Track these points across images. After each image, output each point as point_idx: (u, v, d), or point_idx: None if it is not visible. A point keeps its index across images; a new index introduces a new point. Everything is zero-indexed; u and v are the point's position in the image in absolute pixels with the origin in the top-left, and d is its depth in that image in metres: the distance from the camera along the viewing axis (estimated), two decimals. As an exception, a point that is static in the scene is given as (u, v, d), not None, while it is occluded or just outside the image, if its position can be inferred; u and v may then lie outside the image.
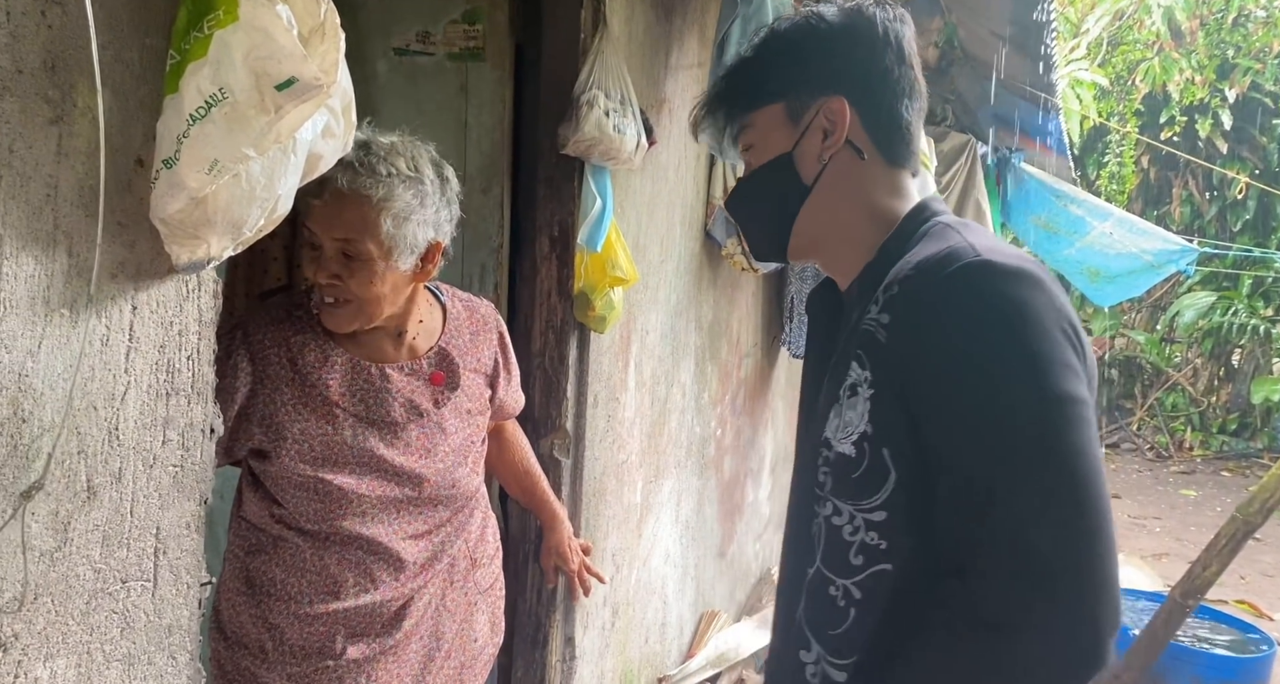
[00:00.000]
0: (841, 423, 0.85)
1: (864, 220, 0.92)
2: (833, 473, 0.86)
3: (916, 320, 0.79)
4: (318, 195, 1.15)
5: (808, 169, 0.92)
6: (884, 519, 0.82)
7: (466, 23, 1.79)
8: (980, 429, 0.75)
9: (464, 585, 1.40)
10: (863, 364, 0.83)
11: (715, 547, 3.08)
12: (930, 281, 0.79)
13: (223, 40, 0.75)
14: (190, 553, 0.96)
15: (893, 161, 0.93)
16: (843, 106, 0.90)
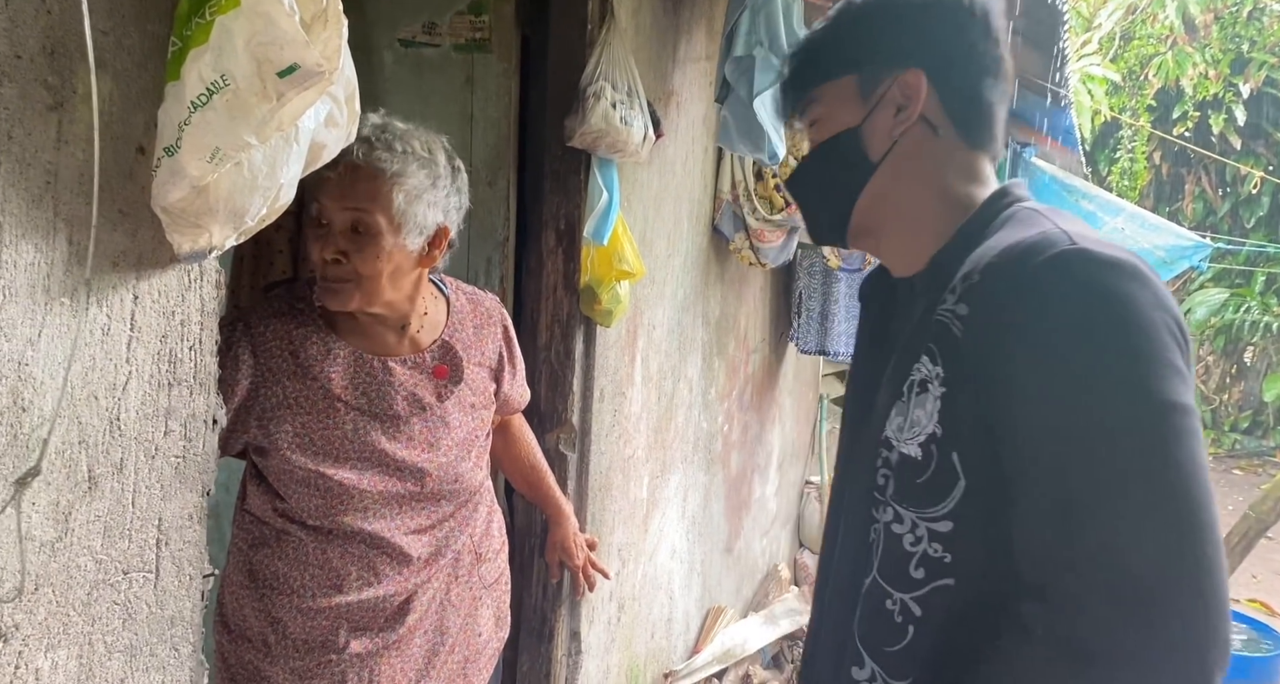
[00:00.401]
0: (907, 422, 0.78)
1: (935, 204, 0.85)
2: (895, 476, 0.79)
3: (1001, 313, 0.72)
4: (331, 168, 1.14)
5: (876, 146, 0.86)
6: (950, 530, 0.75)
7: (473, 14, 1.78)
8: (1074, 438, 0.67)
9: (469, 580, 1.39)
10: (934, 359, 0.76)
11: (722, 542, 3.07)
12: (1019, 271, 0.72)
13: (224, 26, 0.75)
14: (193, 544, 0.96)
15: (971, 143, 0.86)
16: (919, 80, 0.84)
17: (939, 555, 0.76)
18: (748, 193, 2.59)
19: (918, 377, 0.78)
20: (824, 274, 3.24)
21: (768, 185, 2.58)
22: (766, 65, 1.82)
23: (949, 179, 0.86)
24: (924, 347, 0.78)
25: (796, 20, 1.91)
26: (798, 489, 4.01)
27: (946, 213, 0.85)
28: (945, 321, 0.76)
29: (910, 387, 0.79)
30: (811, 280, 3.30)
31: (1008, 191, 0.85)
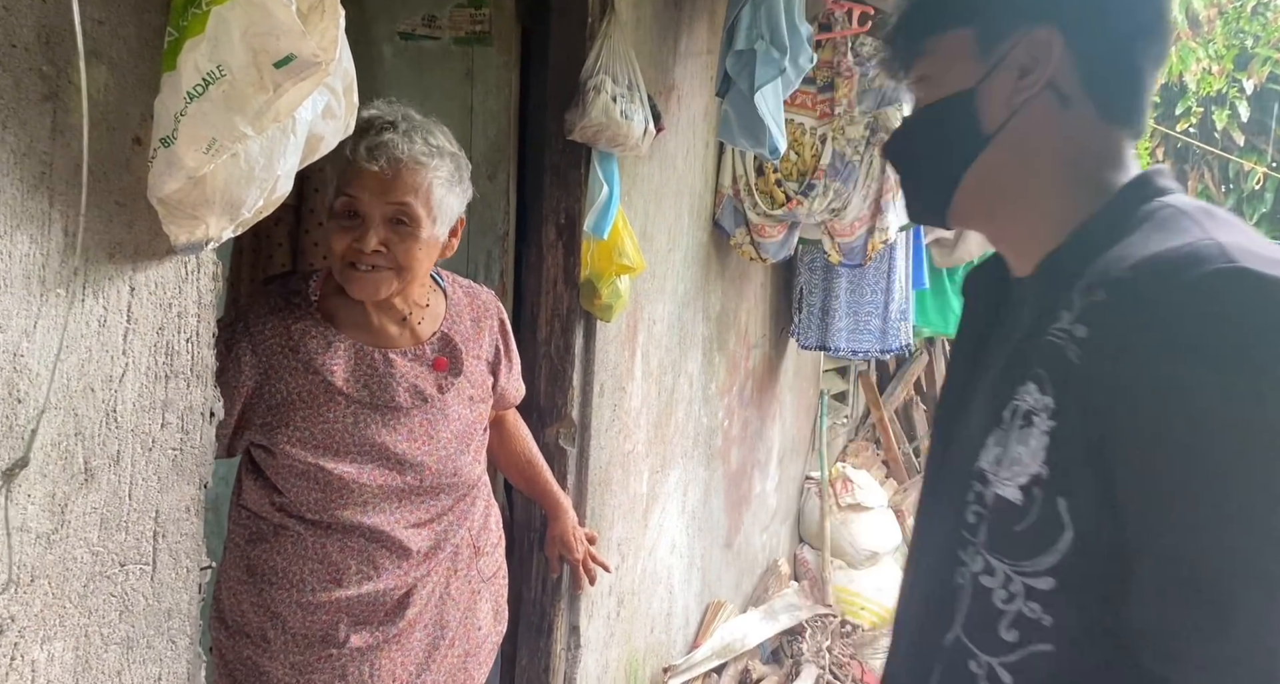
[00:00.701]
0: (1007, 457, 0.67)
1: (1058, 188, 0.72)
2: (989, 519, 0.68)
3: (1133, 342, 0.59)
4: (373, 161, 1.17)
5: (992, 114, 0.73)
6: (1051, 588, 0.64)
7: (473, 7, 1.78)
8: (1222, 501, 0.56)
9: (467, 574, 1.39)
10: (1043, 387, 0.64)
11: (722, 537, 3.07)
12: (1158, 292, 0.59)
13: (220, 17, 0.74)
14: (190, 537, 0.96)
15: (1110, 118, 0.72)
16: (1051, 39, 0.70)
17: (1036, 617, 0.65)
18: (749, 187, 2.58)
19: (1023, 405, 0.66)
20: (825, 270, 3.23)
21: (769, 180, 2.57)
22: (768, 59, 1.81)
23: (1079, 159, 0.72)
24: (1030, 371, 0.66)
25: (798, 14, 1.90)
26: (798, 485, 4.01)
27: (1072, 201, 0.72)
28: (1059, 344, 0.64)
29: (1012, 414, 0.67)
30: (813, 276, 3.29)
31: (1149, 181, 0.70)
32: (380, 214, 1.19)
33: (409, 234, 1.21)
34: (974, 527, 0.70)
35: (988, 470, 0.69)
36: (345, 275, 1.22)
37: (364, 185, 1.18)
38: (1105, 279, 0.63)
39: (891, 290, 3.18)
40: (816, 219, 2.61)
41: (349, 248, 1.19)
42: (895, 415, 4.98)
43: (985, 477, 0.69)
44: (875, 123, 2.48)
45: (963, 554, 0.71)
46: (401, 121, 1.21)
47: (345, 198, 1.20)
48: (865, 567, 3.69)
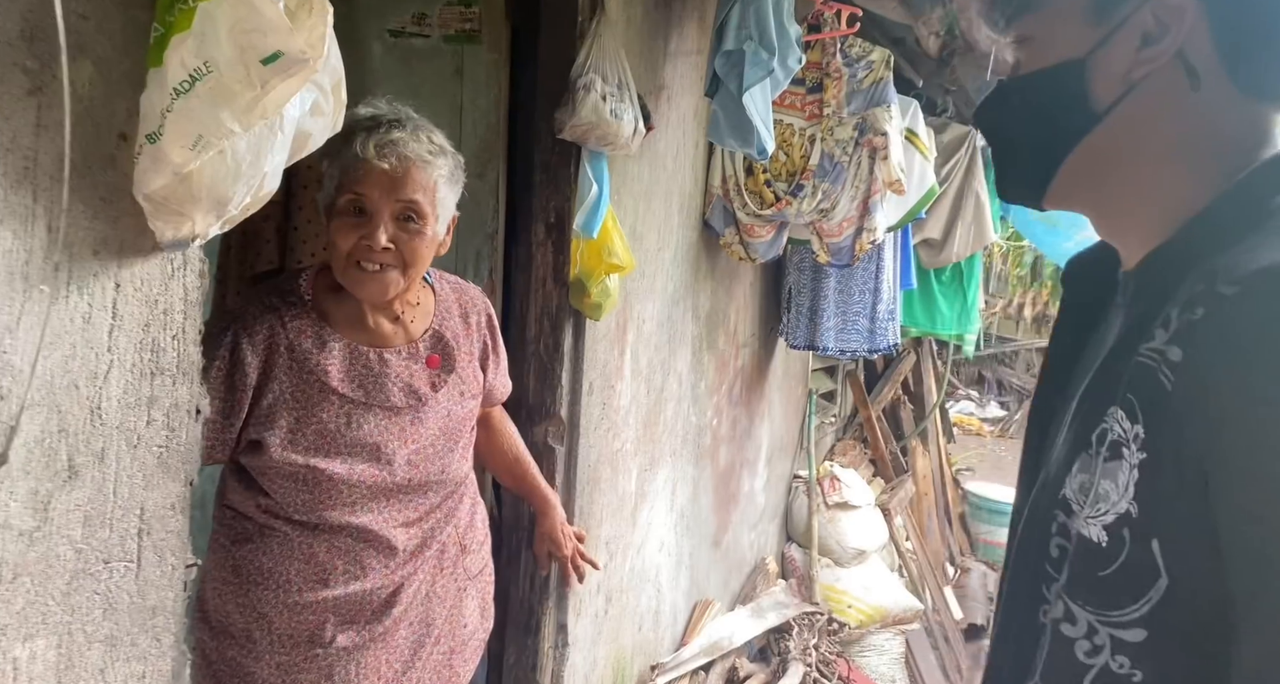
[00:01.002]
0: (1093, 492, 0.59)
1: (1180, 174, 0.62)
2: (1072, 560, 0.61)
3: (1237, 372, 0.51)
4: (384, 159, 1.18)
5: (1105, 89, 0.63)
6: (1142, 640, 0.57)
7: (462, 5, 1.77)
8: None
9: (454, 571, 1.39)
10: (1133, 415, 0.57)
11: (710, 536, 3.08)
12: (1270, 313, 0.50)
13: (207, 13, 0.74)
14: (175, 534, 0.95)
15: (1253, 91, 0.60)
16: (1184, 2, 0.60)
17: (1125, 673, 0.57)
18: (738, 187, 2.59)
19: (1111, 434, 0.58)
20: (814, 270, 3.24)
21: (758, 180, 2.58)
22: (756, 60, 1.82)
23: (1206, 145, 0.61)
24: (1120, 394, 0.58)
25: (787, 15, 1.90)
26: (786, 483, 4.03)
27: (1194, 190, 0.61)
28: (1151, 366, 0.56)
29: (1100, 440, 0.59)
30: (801, 276, 3.30)
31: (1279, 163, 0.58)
32: (389, 211, 1.20)
33: (417, 232, 1.22)
34: (1057, 561, 0.63)
35: (1072, 501, 0.61)
36: (351, 276, 1.22)
37: (374, 182, 1.18)
38: (1207, 294, 0.53)
39: (879, 290, 3.20)
40: (805, 219, 2.62)
41: (357, 245, 1.19)
42: (882, 414, 5.00)
43: (1069, 507, 0.61)
44: (863, 124, 2.49)
45: (1045, 591, 0.64)
46: (406, 120, 1.23)
47: (352, 195, 1.19)
48: (852, 565, 3.70)
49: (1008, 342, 10.29)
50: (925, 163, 2.90)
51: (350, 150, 1.18)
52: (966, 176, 3.83)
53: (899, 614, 3.58)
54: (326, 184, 1.23)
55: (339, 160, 1.19)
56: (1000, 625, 0.72)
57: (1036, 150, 0.68)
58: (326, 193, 1.23)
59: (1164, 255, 0.62)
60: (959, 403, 9.64)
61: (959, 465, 6.56)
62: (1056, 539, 0.63)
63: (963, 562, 5.13)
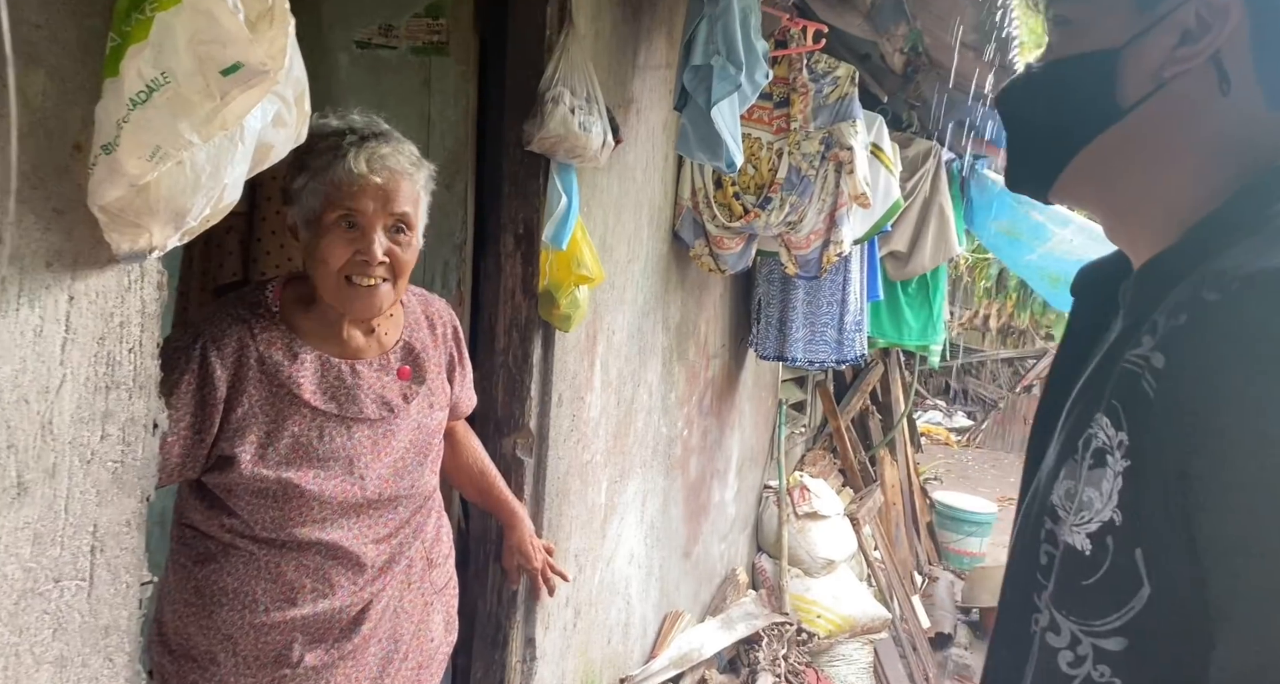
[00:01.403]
0: (1078, 499, 0.59)
1: (1194, 180, 0.60)
2: (1058, 569, 0.60)
3: (1217, 377, 0.50)
4: (375, 173, 1.18)
5: (1134, 83, 0.61)
6: (1123, 649, 0.56)
7: (430, 17, 1.77)
8: None
9: (421, 586, 1.38)
10: (1117, 422, 0.56)
11: (680, 547, 3.08)
12: (1251, 318, 0.50)
13: (165, 23, 0.73)
14: (130, 551, 0.93)
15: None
16: (1230, 3, 0.58)
17: (1105, 681, 0.57)
18: (707, 200, 2.60)
19: (1095, 441, 0.58)
20: (782, 281, 3.27)
21: (726, 193, 2.60)
22: (724, 74, 1.84)
23: (1228, 153, 0.60)
24: (1105, 401, 0.58)
25: (754, 31, 1.93)
26: (756, 494, 4.04)
27: (1205, 197, 0.59)
28: (1135, 372, 0.55)
29: (1085, 447, 0.59)
30: (770, 287, 3.33)
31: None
32: (382, 224, 1.20)
33: (407, 243, 1.23)
34: (1046, 569, 0.62)
35: (1058, 507, 0.61)
36: (344, 292, 1.20)
37: (369, 196, 1.18)
38: (1192, 300, 0.53)
39: (846, 302, 3.23)
40: (773, 232, 2.64)
41: (351, 260, 1.18)
42: (851, 424, 5.04)
43: (1056, 512, 0.61)
44: (829, 138, 2.53)
45: (1036, 599, 0.63)
46: (387, 133, 1.24)
47: (344, 210, 1.18)
48: (821, 575, 3.72)
49: (974, 352, 10.45)
50: (890, 177, 2.94)
51: (341, 165, 1.17)
52: (931, 190, 3.89)
53: (867, 623, 3.61)
54: (307, 199, 1.19)
55: (326, 175, 1.17)
56: (996, 633, 0.71)
57: (1051, 139, 0.66)
58: (308, 208, 1.20)
59: (1164, 261, 0.60)
60: (926, 413, 9.76)
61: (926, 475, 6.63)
62: (1045, 546, 0.63)
63: (930, 570, 5.18)
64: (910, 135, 3.94)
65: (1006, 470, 8.21)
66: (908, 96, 3.57)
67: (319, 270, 1.20)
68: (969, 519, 5.39)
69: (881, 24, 2.70)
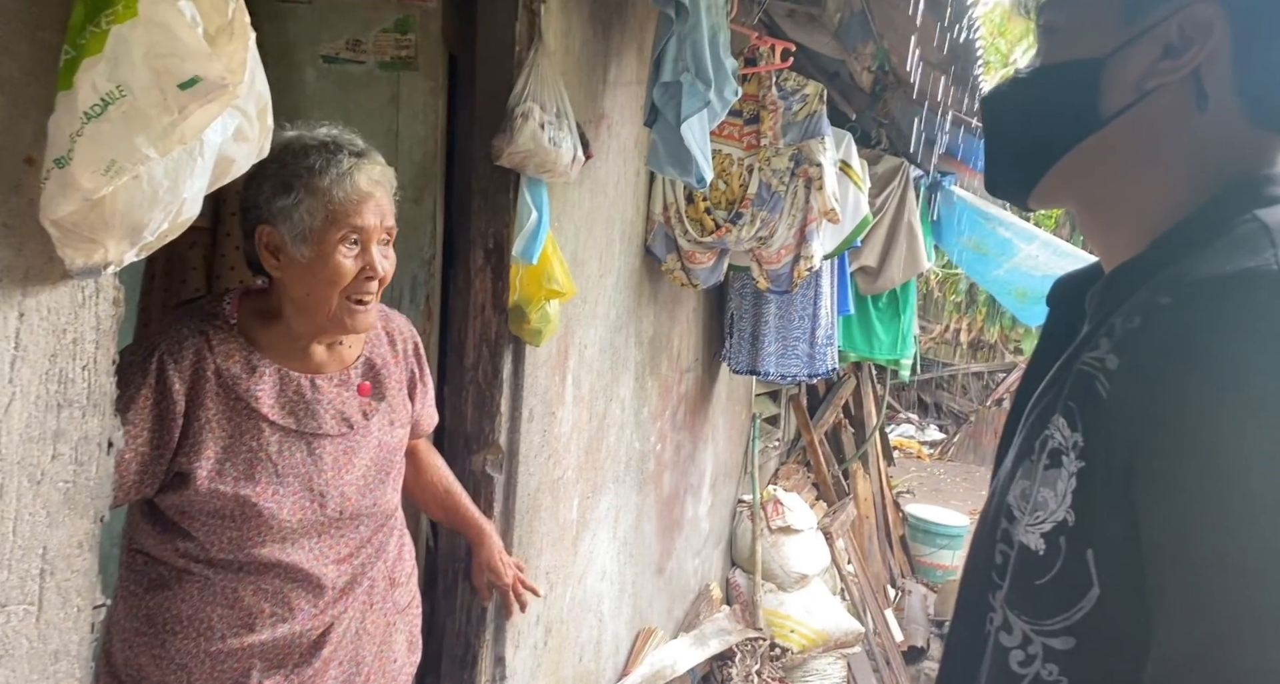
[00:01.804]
0: (1033, 499, 0.60)
1: (1166, 187, 0.62)
2: (1012, 569, 0.61)
3: (1164, 377, 0.52)
4: (378, 187, 1.20)
5: (1116, 93, 0.62)
6: (1071, 648, 0.57)
7: (399, 32, 1.77)
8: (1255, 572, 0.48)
9: (383, 606, 1.36)
10: (1073, 422, 0.57)
11: (653, 563, 3.06)
12: (1196, 321, 0.51)
13: (121, 36, 0.72)
14: (82, 574, 0.91)
15: (1263, 123, 0.60)
16: (1214, 20, 0.59)
17: (1054, 679, 0.57)
18: (679, 215, 2.62)
19: (1051, 442, 0.59)
20: (755, 295, 3.29)
21: (698, 208, 2.62)
22: (693, 91, 1.85)
23: (1204, 166, 0.60)
24: (1062, 402, 0.59)
25: (723, 48, 1.95)
26: (730, 508, 4.04)
27: (1178, 206, 0.61)
28: (1090, 374, 0.56)
29: (1042, 447, 0.60)
30: (743, 302, 3.35)
31: (1258, 187, 0.58)
32: (379, 237, 1.21)
33: (390, 251, 1.25)
34: (1001, 569, 0.63)
35: (1014, 507, 0.61)
36: (346, 309, 1.20)
37: (370, 213, 1.19)
38: (1146, 303, 0.55)
39: (818, 316, 3.26)
40: (745, 246, 2.66)
41: (357, 279, 1.19)
42: (825, 438, 5.07)
43: (1011, 513, 0.62)
44: (799, 154, 2.55)
45: (991, 599, 0.64)
46: (369, 149, 1.25)
47: (349, 229, 1.17)
48: (795, 589, 3.72)
49: (944, 366, 10.57)
50: (859, 193, 2.98)
51: (347, 182, 1.17)
52: (900, 207, 3.95)
53: (841, 638, 3.61)
54: (302, 218, 1.16)
55: (328, 193, 1.16)
56: (951, 632, 0.72)
57: (1033, 146, 0.67)
58: (304, 226, 1.16)
59: (1130, 267, 0.62)
60: (899, 426, 9.84)
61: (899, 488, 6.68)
62: (1000, 546, 0.63)
63: (903, 584, 5.20)
64: (879, 152, 4.00)
65: (978, 483, 8.29)
66: (876, 114, 3.62)
67: (323, 291, 1.18)
68: (941, 532, 5.43)
69: (849, 43, 2.75)
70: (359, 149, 1.22)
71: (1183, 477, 0.51)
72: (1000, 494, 0.65)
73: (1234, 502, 0.49)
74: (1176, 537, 0.51)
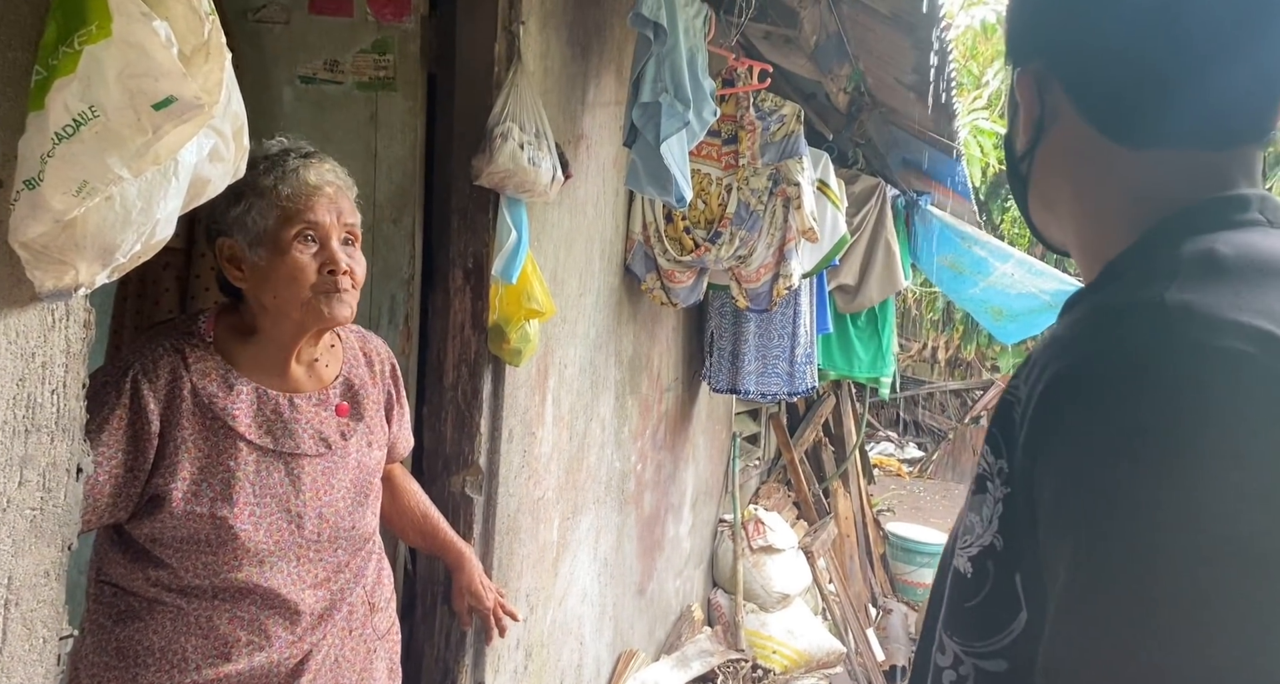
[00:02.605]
0: (963, 523, 0.61)
1: (1104, 221, 0.64)
2: (948, 592, 0.63)
3: (1053, 408, 0.52)
4: (326, 184, 1.20)
5: (1020, 155, 0.70)
6: (1004, 671, 0.57)
7: (377, 52, 1.77)
8: (1106, 587, 0.47)
9: (362, 632, 1.33)
10: (996, 449, 0.58)
11: (634, 584, 3.04)
12: (1081, 351, 0.53)
13: (94, 56, 0.71)
14: (48, 604, 0.88)
15: (1136, 143, 0.61)
16: (1031, 76, 0.66)
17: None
18: (658, 234, 2.63)
19: (979, 468, 0.60)
20: (734, 314, 3.30)
21: (677, 227, 2.63)
22: (672, 112, 1.87)
23: (1137, 198, 0.62)
24: (989, 429, 0.60)
25: (701, 70, 1.97)
26: (711, 528, 4.03)
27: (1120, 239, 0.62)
28: (1010, 401, 0.58)
29: (975, 479, 0.61)
30: (722, 320, 3.36)
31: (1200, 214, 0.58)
32: (337, 234, 1.20)
33: (356, 252, 1.24)
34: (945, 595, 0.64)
35: (963, 533, 0.62)
36: (316, 304, 1.18)
37: (324, 208, 1.18)
38: (1053, 334, 0.57)
39: (797, 335, 3.27)
40: (724, 265, 2.67)
41: (320, 275, 1.17)
42: (805, 457, 5.08)
43: (957, 541, 0.63)
44: (777, 174, 2.58)
45: (940, 626, 0.65)
46: (320, 152, 1.25)
47: (304, 224, 1.17)
48: (777, 609, 3.71)
49: (922, 384, 10.65)
50: (837, 212, 3.01)
51: (293, 178, 1.17)
52: (877, 226, 3.99)
53: (822, 658, 3.59)
54: (255, 221, 1.16)
55: (276, 192, 1.16)
56: (915, 655, 0.73)
57: (1018, 201, 0.74)
58: (257, 229, 1.16)
59: (1072, 299, 0.65)
60: (879, 444, 9.88)
61: (879, 506, 6.70)
62: (952, 574, 0.64)
63: (884, 603, 5.20)
64: (856, 172, 4.05)
65: (957, 501, 8.33)
66: (853, 134, 3.67)
67: (287, 290, 1.17)
68: (921, 550, 5.44)
69: (825, 65, 2.79)
70: (306, 151, 1.23)
71: (1061, 504, 0.51)
72: (957, 524, 0.66)
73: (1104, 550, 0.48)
74: (1055, 559, 0.51)
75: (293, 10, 1.79)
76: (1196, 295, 0.51)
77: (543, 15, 1.89)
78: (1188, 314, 0.50)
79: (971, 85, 8.24)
